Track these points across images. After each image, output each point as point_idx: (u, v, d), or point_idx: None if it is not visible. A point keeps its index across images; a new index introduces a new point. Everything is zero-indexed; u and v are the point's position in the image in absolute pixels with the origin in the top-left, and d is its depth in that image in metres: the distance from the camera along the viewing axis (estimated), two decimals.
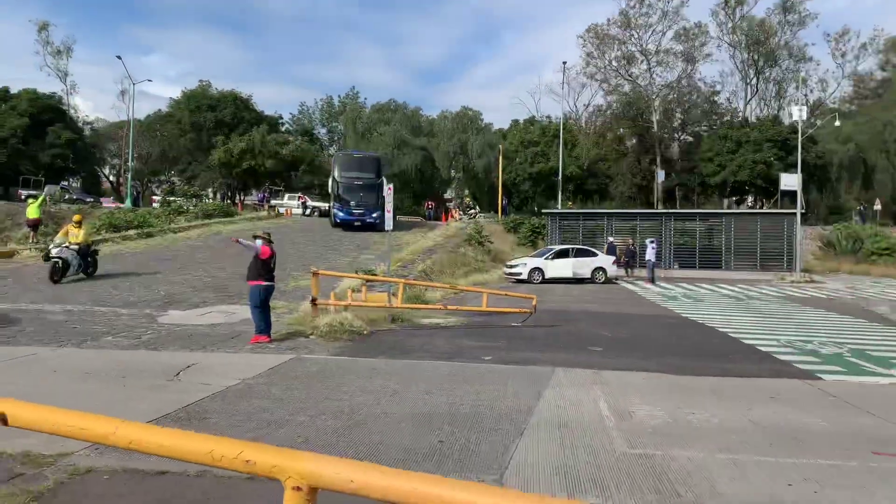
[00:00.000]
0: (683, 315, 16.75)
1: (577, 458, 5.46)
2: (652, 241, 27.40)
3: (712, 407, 7.37)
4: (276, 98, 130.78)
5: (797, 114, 31.22)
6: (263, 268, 11.30)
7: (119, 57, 67.20)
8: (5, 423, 2.20)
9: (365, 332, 12.24)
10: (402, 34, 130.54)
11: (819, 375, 9.42)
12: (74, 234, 17.88)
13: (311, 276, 12.41)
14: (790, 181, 31.48)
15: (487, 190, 55.28)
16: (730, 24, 57.87)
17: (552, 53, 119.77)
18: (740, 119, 57.54)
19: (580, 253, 26.48)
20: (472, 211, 47.41)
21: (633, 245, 29.44)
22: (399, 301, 13.35)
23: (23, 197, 43.92)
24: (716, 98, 62.35)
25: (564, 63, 55.14)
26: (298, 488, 1.74)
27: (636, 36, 59.23)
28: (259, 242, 11.99)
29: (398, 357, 10.07)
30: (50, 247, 17.98)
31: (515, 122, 65.61)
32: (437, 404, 7.17)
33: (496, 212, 52.52)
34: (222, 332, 11.94)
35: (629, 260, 28.16)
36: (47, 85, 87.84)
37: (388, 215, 14.13)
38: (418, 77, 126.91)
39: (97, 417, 2.08)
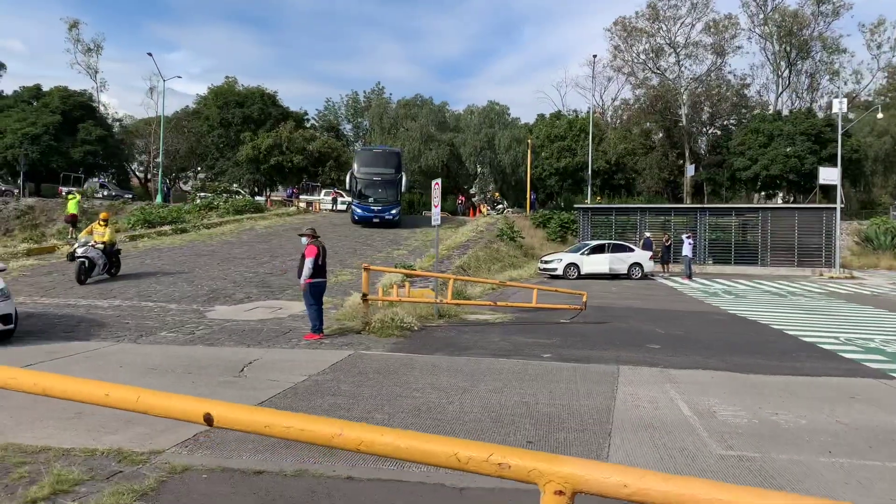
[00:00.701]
0: (730, 311, 16.46)
1: (676, 460, 5.30)
2: (689, 237, 26.98)
3: (794, 407, 7.17)
4: (296, 94, 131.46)
5: (837, 106, 30.50)
6: (313, 265, 11.23)
7: (150, 54, 68.13)
8: (210, 423, 2.11)
9: (415, 328, 12.16)
10: (421, 29, 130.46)
11: (893, 374, 9.15)
12: (100, 233, 17.34)
13: (363, 271, 12.31)
14: (829, 175, 30.83)
15: (514, 185, 54.93)
16: (761, 16, 56.91)
17: (573, 47, 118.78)
18: (772, 112, 56.52)
19: (617, 248, 26.18)
20: (500, 206, 47.13)
21: (668, 240, 29.02)
22: (449, 297, 13.23)
23: (63, 193, 44.68)
24: (745, 91, 61.46)
25: (595, 56, 54.97)
26: (561, 492, 1.62)
27: (664, 28, 58.54)
28: (304, 241, 11.94)
29: (456, 354, 9.95)
30: (75, 246, 17.38)
31: (541, 116, 65.10)
32: (511, 403, 7.05)
33: (522, 207, 52.22)
34: (272, 328, 11.91)
35: (665, 255, 27.78)
36: (78, 82, 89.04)
37: (436, 210, 14.00)
38: (437, 72, 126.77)
39: (316, 419, 1.98)
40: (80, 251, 16.62)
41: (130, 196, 46.72)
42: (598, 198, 50.61)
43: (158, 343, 10.36)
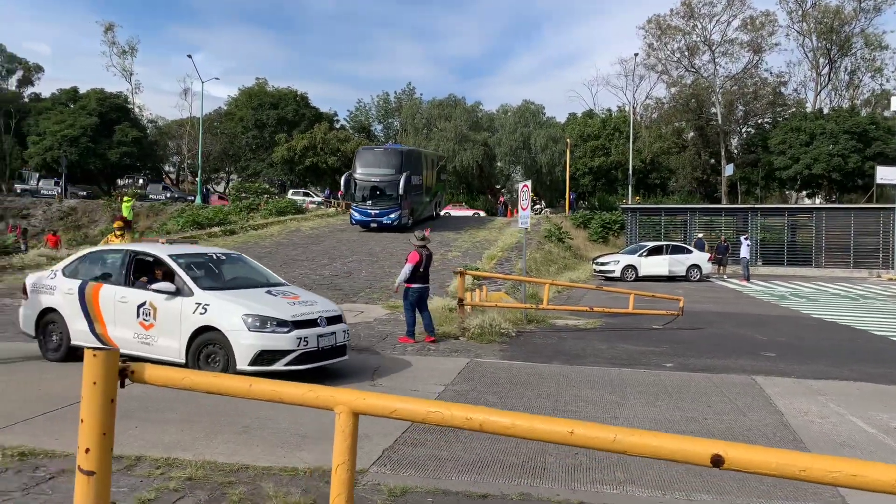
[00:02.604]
0: (815, 315, 16.06)
1: None
2: (746, 238, 26.53)
3: None
4: (316, 94, 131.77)
5: None
6: (413, 272, 11.07)
7: (190, 56, 68.50)
8: (719, 465, 1.88)
9: (513, 335, 11.93)
10: (438, 29, 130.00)
11: None
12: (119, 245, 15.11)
13: (458, 276, 12.10)
14: (888, 174, 30.17)
15: (549, 184, 54.52)
16: (800, 12, 55.97)
17: (596, 45, 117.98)
18: (812, 110, 55.61)
19: (675, 250, 25.79)
20: (538, 206, 46.76)
21: (725, 241, 28.53)
22: (545, 302, 12.99)
23: (116, 195, 45.41)
24: (782, 89, 60.52)
25: (636, 55, 54.10)
26: None
27: (700, 26, 57.74)
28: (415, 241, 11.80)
29: (575, 363, 9.70)
30: None
31: (573, 115, 64.72)
32: (676, 418, 6.79)
33: (555, 207, 51.92)
34: (367, 333, 11.73)
35: (721, 257, 27.32)
36: (112, 84, 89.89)
37: (524, 213, 13.74)
38: (456, 72, 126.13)
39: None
40: None
41: (192, 199, 47.08)
42: (637, 198, 50.11)
43: None
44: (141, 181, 65.42)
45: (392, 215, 30.25)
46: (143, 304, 8.08)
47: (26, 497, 4.42)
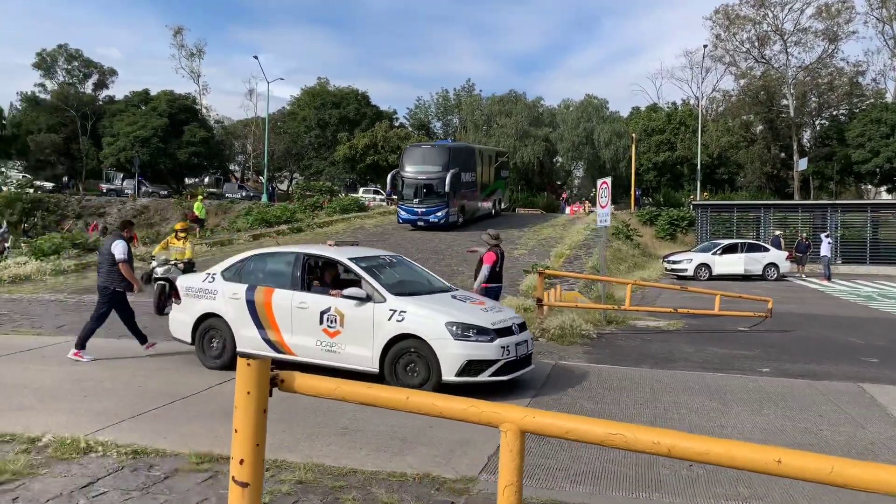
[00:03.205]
0: None
1: None
2: (827, 235, 25.35)
3: None
4: (376, 93, 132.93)
5: None
6: (489, 272, 10.93)
7: (256, 57, 70.06)
8: None
9: (594, 336, 11.64)
10: (495, 24, 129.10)
11: None
12: (178, 249, 13.31)
13: (537, 276, 11.89)
14: None
15: (613, 181, 53.45)
16: None
17: (657, 38, 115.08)
18: (894, 101, 52.83)
19: (751, 248, 24.86)
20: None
21: (806, 238, 27.33)
22: (628, 303, 12.66)
23: (204, 195, 47.06)
24: (860, 79, 57.69)
25: (705, 46, 52.30)
26: None
27: (771, 15, 55.58)
28: (483, 251, 11.68)
29: (664, 366, 9.37)
30: (153, 265, 13.15)
31: (636, 109, 63.32)
32: (788, 428, 6.44)
33: (618, 203, 50.79)
34: None
35: (801, 255, 26.17)
36: (181, 86, 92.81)
37: (604, 210, 13.39)
38: (513, 67, 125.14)
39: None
40: (160, 272, 12.76)
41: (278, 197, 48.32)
42: (706, 193, 48.67)
43: None
44: (206, 180, 67.44)
45: (439, 213, 29.26)
46: (328, 310, 7.67)
47: (146, 497, 4.46)
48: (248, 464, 2.54)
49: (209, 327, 8.40)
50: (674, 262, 24.73)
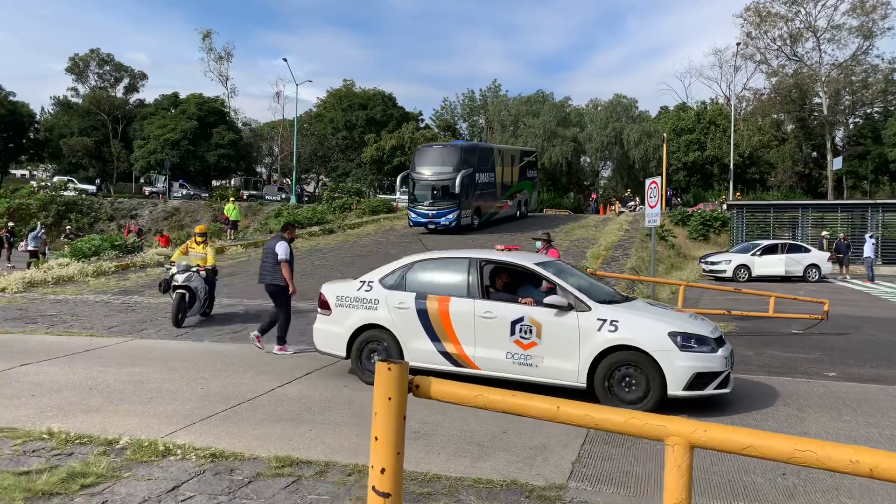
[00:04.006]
0: None
1: None
2: (871, 236, 24.77)
3: None
4: (402, 94, 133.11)
5: None
6: None
7: (285, 59, 70.55)
8: None
9: None
10: (519, 25, 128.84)
11: None
12: (199, 255, 12.23)
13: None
14: None
15: (642, 181, 53.02)
16: None
17: (683, 37, 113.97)
18: None
19: (792, 248, 24.36)
20: (632, 203, 45.43)
21: (846, 239, 26.73)
22: (680, 304, 12.40)
23: (244, 196, 47.40)
24: (895, 76, 56.42)
25: (738, 44, 51.58)
26: None
27: (804, 12, 54.65)
28: (539, 245, 11.56)
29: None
30: (172, 271, 11.93)
31: (664, 108, 62.68)
32: (872, 436, 6.20)
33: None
34: None
35: (843, 256, 25.59)
36: (210, 89, 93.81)
37: (652, 211, 13.17)
38: (537, 67, 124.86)
39: None
40: (180, 279, 11.67)
41: (307, 199, 48.63)
42: (738, 193, 47.96)
43: None
44: (234, 182, 68.04)
45: (450, 216, 28.18)
46: (520, 319, 7.11)
47: (233, 502, 4.38)
48: (389, 473, 2.43)
49: (369, 339, 7.83)
50: (712, 263, 24.33)
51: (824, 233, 27.64)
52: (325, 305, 8.24)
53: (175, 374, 8.00)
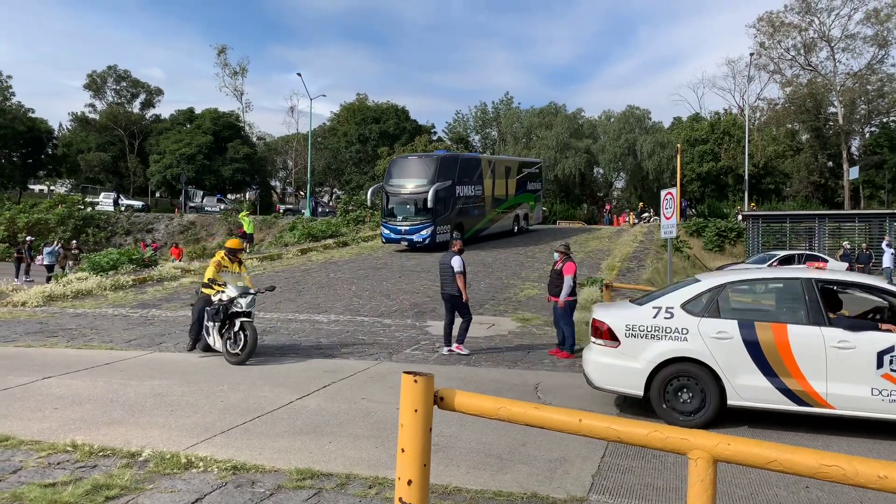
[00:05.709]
0: None
1: None
2: (890, 246, 24.51)
3: None
4: (414, 108, 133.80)
5: None
6: (574, 283, 10.86)
7: (299, 74, 71.34)
8: None
9: None
10: (532, 37, 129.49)
11: None
12: (234, 275, 10.33)
13: (605, 289, 11.68)
14: None
15: (656, 192, 52.91)
16: None
17: (699, 47, 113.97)
18: None
19: (809, 259, 24.17)
20: (646, 214, 45.31)
21: (867, 249, 26.48)
22: None
23: (280, 210, 47.86)
24: None
25: (751, 55, 51.41)
26: None
27: (817, 21, 54.48)
28: (556, 256, 11.56)
29: None
30: (231, 295, 9.73)
31: (678, 119, 62.58)
32: None
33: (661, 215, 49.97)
34: (507, 345, 11.48)
35: (864, 266, 25.35)
36: (225, 104, 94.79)
37: (668, 222, 13.12)
38: (549, 79, 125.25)
39: None
40: (243, 303, 9.66)
41: (333, 212, 48.87)
42: (753, 204, 47.68)
43: (413, 361, 10.14)
44: (246, 195, 68.57)
45: (423, 232, 26.07)
46: (889, 350, 6.31)
47: None
48: (416, 485, 2.45)
49: (676, 374, 6.84)
50: None
51: (845, 243, 27.40)
52: (608, 335, 7.15)
53: (195, 387, 8.06)
